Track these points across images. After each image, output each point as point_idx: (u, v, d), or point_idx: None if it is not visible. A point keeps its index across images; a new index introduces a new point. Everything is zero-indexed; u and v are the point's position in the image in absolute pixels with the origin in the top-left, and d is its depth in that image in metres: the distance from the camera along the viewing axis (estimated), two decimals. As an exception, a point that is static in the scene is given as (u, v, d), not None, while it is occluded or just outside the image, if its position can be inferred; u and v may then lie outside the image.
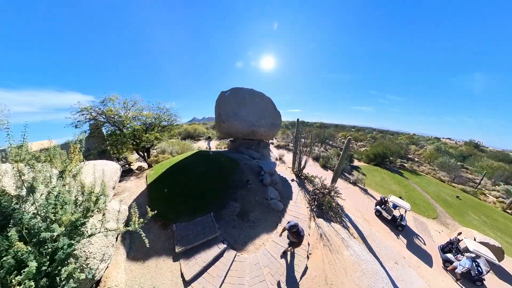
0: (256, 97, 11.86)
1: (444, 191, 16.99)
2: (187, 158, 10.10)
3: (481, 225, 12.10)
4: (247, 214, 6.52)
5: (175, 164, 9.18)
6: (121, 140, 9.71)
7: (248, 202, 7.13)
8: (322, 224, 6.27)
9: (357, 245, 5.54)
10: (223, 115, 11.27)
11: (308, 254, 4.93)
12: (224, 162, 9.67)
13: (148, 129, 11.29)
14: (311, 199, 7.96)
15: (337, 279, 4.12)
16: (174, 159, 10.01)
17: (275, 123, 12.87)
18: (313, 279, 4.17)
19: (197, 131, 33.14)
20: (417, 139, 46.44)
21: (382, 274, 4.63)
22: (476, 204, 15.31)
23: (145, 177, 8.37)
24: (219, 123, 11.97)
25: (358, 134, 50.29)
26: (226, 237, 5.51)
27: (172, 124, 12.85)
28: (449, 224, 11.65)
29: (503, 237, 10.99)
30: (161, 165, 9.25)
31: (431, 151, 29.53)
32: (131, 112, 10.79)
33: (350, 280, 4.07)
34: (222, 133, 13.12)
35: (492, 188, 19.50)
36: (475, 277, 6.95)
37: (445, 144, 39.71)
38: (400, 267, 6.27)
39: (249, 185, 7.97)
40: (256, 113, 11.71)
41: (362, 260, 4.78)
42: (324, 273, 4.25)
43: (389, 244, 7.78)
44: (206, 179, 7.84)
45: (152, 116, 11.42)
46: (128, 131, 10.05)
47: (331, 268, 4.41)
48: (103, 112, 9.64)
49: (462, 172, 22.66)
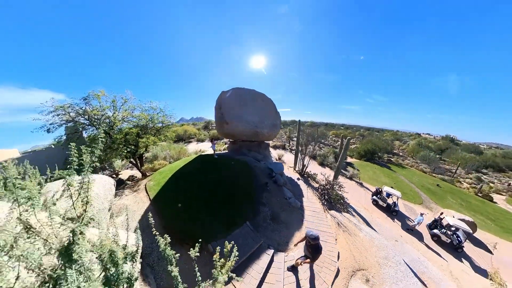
0: (258, 98, 11.77)
1: (426, 180, 19.38)
2: (191, 164, 9.21)
3: (458, 207, 14.26)
4: (278, 216, 6.54)
5: (178, 171, 8.19)
6: (110, 146, 8.29)
7: (274, 204, 7.11)
8: (336, 214, 7.32)
9: (367, 227, 6.78)
10: (226, 116, 11.02)
11: (335, 240, 5.71)
12: (235, 166, 9.08)
13: (142, 132, 10.04)
14: (321, 194, 9.00)
15: (361, 256, 5.15)
16: (174, 166, 8.96)
17: (276, 124, 13.06)
18: (346, 260, 5.02)
19: (188, 133, 31.69)
20: (400, 135, 50.91)
21: (390, 247, 5.88)
22: (453, 190, 17.79)
23: (144, 189, 7.15)
24: (222, 124, 11.55)
25: (347, 132, 53.53)
26: (269, 242, 5.35)
27: (168, 126, 11.59)
28: (432, 207, 13.60)
29: (475, 215, 13.16)
30: (161, 174, 8.12)
31: (413, 146, 32.85)
32: (122, 112, 9.26)
33: (370, 254, 5.21)
34: (224, 134, 12.91)
35: (466, 176, 22.53)
36: (456, 245, 8.61)
37: (425, 139, 44.16)
38: (399, 244, 7.62)
39: (268, 187, 8.05)
40: (259, 114, 11.69)
41: (374, 238, 5.98)
42: (351, 253, 5.21)
43: (388, 226, 9.22)
44: (224, 187, 7.13)
45: (145, 118, 9.96)
46: (118, 135, 8.71)
47: (355, 248, 5.43)
48: (86, 112, 7.97)
49: (440, 164, 25.71)
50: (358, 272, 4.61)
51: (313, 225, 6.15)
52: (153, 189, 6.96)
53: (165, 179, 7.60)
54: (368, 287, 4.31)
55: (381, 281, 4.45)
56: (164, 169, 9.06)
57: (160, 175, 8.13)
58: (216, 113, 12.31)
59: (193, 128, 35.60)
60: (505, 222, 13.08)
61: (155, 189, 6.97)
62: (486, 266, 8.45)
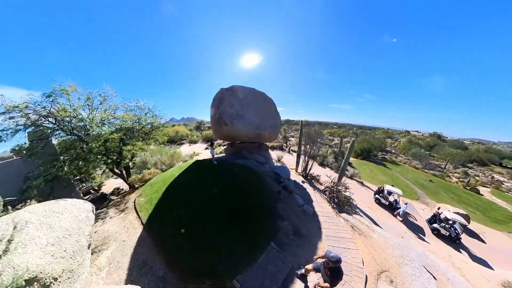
0: (259, 97, 11.13)
1: (419, 176, 20.57)
2: (187, 172, 8.03)
3: (451, 201, 15.31)
4: (299, 228, 5.93)
5: (173, 183, 6.97)
6: (86, 157, 6.82)
7: (291, 215, 6.46)
8: (347, 217, 7.51)
9: (378, 228, 7.14)
10: (226, 116, 10.03)
11: (356, 245, 5.69)
12: (240, 173, 8.00)
13: (127, 137, 8.57)
14: (329, 197, 9.04)
15: (380, 257, 5.39)
16: (167, 176, 7.70)
17: (277, 125, 12.56)
18: (369, 264, 5.10)
19: (179, 134, 30.55)
20: (391, 132, 53.48)
21: (402, 245, 6.27)
22: (444, 185, 19.05)
23: (133, 208, 5.92)
24: (220, 125, 10.46)
25: (341, 131, 55.20)
26: (298, 261, 4.80)
27: (158, 128, 10.07)
28: (428, 202, 14.51)
29: (466, 207, 14.21)
30: (152, 187, 6.90)
31: (405, 144, 34.65)
32: (100, 113, 7.77)
33: (388, 254, 5.50)
34: (223, 136, 11.93)
35: (454, 171, 24.16)
36: (454, 238, 9.33)
37: (414, 136, 46.66)
38: (405, 240, 8.10)
39: (281, 196, 7.39)
40: (261, 115, 11.03)
41: (387, 238, 6.34)
42: (372, 256, 5.40)
43: (392, 224, 9.75)
44: (232, 199, 6.08)
45: (131, 119, 8.51)
46: (95, 143, 7.06)
47: (373, 250, 5.64)
48: (51, 113, 6.47)
49: (431, 160, 27.31)
50: (382, 274, 4.85)
51: (331, 232, 6.19)
52: (145, 208, 5.68)
53: (158, 193, 6.35)
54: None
55: (403, 280, 4.76)
56: (155, 179, 7.74)
57: (151, 188, 6.84)
58: (213, 113, 11.28)
59: (185, 129, 34.35)
60: (492, 213, 14.28)
61: (147, 208, 5.70)
62: (481, 255, 9.22)
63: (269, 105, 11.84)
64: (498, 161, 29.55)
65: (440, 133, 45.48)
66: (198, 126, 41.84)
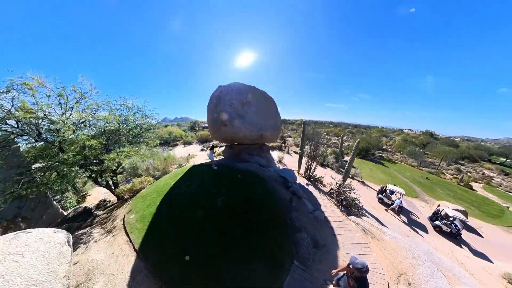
0: (259, 96, 10.55)
1: (416, 174, 21.30)
2: (184, 180, 7.09)
3: (447, 197, 15.95)
4: (316, 239, 5.60)
5: (169, 194, 6.14)
6: (58, 170, 5.78)
7: (306, 225, 6.04)
8: (357, 220, 7.60)
9: (388, 229, 7.34)
10: (226, 116, 9.41)
11: (372, 250, 5.74)
12: (244, 179, 7.23)
13: (111, 142, 7.55)
14: (337, 200, 9.04)
15: (396, 260, 5.50)
16: (161, 186, 6.79)
17: (278, 125, 12.16)
18: (387, 268, 5.19)
19: (173, 135, 29.75)
20: (386, 131, 55.00)
21: (412, 245, 6.49)
22: (440, 182, 19.84)
23: (122, 228, 5.05)
24: (218, 126, 9.78)
25: (337, 130, 56.17)
26: (324, 277, 4.48)
27: (150, 130, 9.04)
28: (427, 200, 15.05)
29: (462, 203, 14.87)
30: (144, 200, 6.04)
31: (400, 142, 35.76)
32: (76, 113, 6.52)
33: (401, 256, 5.64)
34: (222, 138, 11.10)
35: (447, 168, 25.18)
36: (455, 234, 9.77)
37: (408, 134, 48.20)
38: (411, 239, 8.37)
39: (293, 204, 6.94)
40: (262, 114, 10.49)
41: (398, 240, 6.53)
42: (389, 260, 5.51)
43: (396, 223, 10.05)
44: (242, 212, 5.39)
45: (116, 120, 7.50)
46: (69, 152, 5.90)
47: (388, 253, 5.75)
48: (10, 113, 5.32)
49: (425, 158, 28.33)
50: (400, 277, 4.97)
51: (346, 238, 6.18)
52: (137, 229, 4.71)
53: (151, 208, 5.45)
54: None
55: (420, 281, 4.92)
56: (148, 190, 6.71)
57: (143, 201, 5.93)
58: (210, 113, 10.44)
59: (179, 130, 33.48)
60: (486, 208, 15.02)
61: (139, 228, 4.74)
62: (481, 249, 9.69)
63: (270, 104, 11.38)
64: (487, 157, 31.19)
65: (432, 131, 47.34)
66: (193, 127, 41.26)
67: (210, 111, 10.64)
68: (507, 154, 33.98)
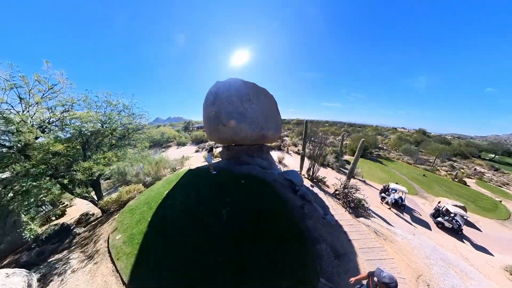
0: (260, 93, 10.00)
1: (414, 172, 21.94)
2: (180, 187, 6.38)
3: (445, 193, 16.50)
4: (336, 247, 5.31)
5: (163, 206, 5.39)
6: (17, 181, 4.64)
7: (324, 233, 5.66)
8: (367, 222, 7.60)
9: (398, 230, 7.44)
10: (224, 115, 8.76)
11: (391, 258, 5.64)
12: (249, 185, 6.55)
13: (91, 145, 6.55)
14: (344, 202, 9.00)
15: (411, 262, 5.56)
16: (152, 196, 5.99)
17: (279, 124, 11.79)
18: (406, 271, 5.21)
19: (166, 136, 28.69)
20: (380, 129, 56.39)
21: (423, 244, 6.60)
22: (436, 178, 20.53)
23: (106, 253, 4.19)
24: (216, 126, 9.20)
25: (333, 129, 57.03)
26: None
27: (138, 131, 8.13)
28: (426, 197, 15.50)
29: (459, 199, 15.43)
30: (132, 214, 5.21)
31: (395, 140, 36.77)
32: (40, 110, 5.34)
33: (415, 256, 5.71)
34: (221, 139, 10.40)
35: (442, 165, 26.11)
36: (457, 229, 10.11)
37: (402, 133, 49.68)
38: (417, 237, 8.52)
39: (306, 210, 6.55)
40: (264, 113, 9.94)
41: (409, 240, 6.62)
42: (405, 263, 5.54)
43: (401, 221, 10.25)
44: (251, 225, 4.75)
45: (96, 119, 6.51)
46: (35, 159, 4.85)
47: (403, 255, 5.80)
48: None
49: (420, 155, 29.26)
50: (419, 279, 5.00)
51: (361, 243, 6.12)
52: (125, 254, 3.85)
53: (142, 225, 4.58)
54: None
55: (437, 281, 4.98)
56: (137, 202, 5.86)
57: (131, 216, 5.05)
58: (206, 111, 9.78)
59: (172, 130, 32.53)
60: (481, 202, 15.66)
61: (127, 253, 3.87)
62: (481, 243, 10.07)
63: (271, 102, 10.82)
64: (477, 154, 32.72)
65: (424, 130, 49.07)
66: (187, 127, 40.46)
67: (206, 109, 9.89)
68: (495, 150, 36.06)
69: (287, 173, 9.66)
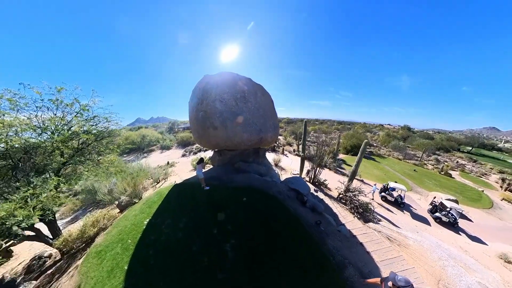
0: (257, 91, 9.11)
1: (405, 167, 23.29)
2: (163, 213, 5.17)
3: (435, 187, 17.70)
4: (360, 268, 4.93)
5: (142, 243, 4.20)
6: None
7: (345, 252, 5.23)
8: (377, 227, 7.71)
9: (408, 232, 7.70)
10: (215, 116, 7.63)
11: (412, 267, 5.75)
12: (252, 203, 5.62)
13: (26, 170, 4.88)
14: (351, 208, 9.07)
15: (427, 265, 5.76)
16: (128, 227, 4.72)
17: (277, 125, 10.84)
18: (425, 277, 5.40)
19: (147, 139, 26.06)
20: (369, 127, 59.29)
21: (432, 245, 6.87)
22: (426, 173, 22.00)
23: None
24: (206, 129, 8.14)
25: (324, 127, 58.72)
26: None
27: (103, 140, 6.64)
28: (420, 192, 16.49)
29: (448, 191, 16.66)
30: (101, 259, 3.91)
31: (384, 137, 38.84)
32: None
33: (430, 260, 5.92)
34: (211, 144, 9.32)
35: (428, 159, 28.08)
36: (453, 222, 10.92)
37: (388, 129, 52.72)
38: (420, 234, 8.97)
39: (322, 227, 6.05)
40: (261, 113, 9.06)
41: (419, 242, 6.82)
42: (423, 268, 5.72)
43: (404, 220, 10.74)
44: (266, 261, 3.90)
45: (31, 128, 4.93)
46: None
47: (420, 261, 5.97)
48: None
49: (408, 150, 31.21)
50: (439, 284, 5.14)
51: (379, 254, 6.13)
52: None
53: (116, 279, 3.41)
54: (453, 294, 4.96)
55: (454, 282, 5.16)
56: (108, 238, 4.48)
57: (100, 264, 3.77)
58: (193, 111, 8.61)
59: (154, 132, 29.98)
60: (467, 193, 17.06)
61: None
62: (475, 233, 10.92)
63: (268, 100, 9.82)
64: (457, 147, 35.88)
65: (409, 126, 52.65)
66: (171, 127, 38.20)
67: (193, 108, 8.55)
68: (472, 143, 40.11)
69: (291, 182, 8.99)
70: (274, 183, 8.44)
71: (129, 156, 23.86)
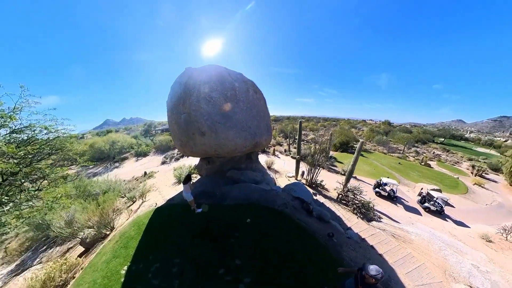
0: (249, 88, 8.09)
1: (391, 161, 25.22)
2: (146, 253, 3.98)
3: (419, 178, 19.48)
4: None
5: None
6: None
7: (360, 260, 5.22)
8: (380, 226, 8.19)
9: (410, 227, 8.32)
10: (202, 120, 6.49)
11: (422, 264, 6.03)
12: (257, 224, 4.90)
13: None
14: (354, 208, 9.38)
15: (432, 259, 6.27)
16: (96, 282, 3.60)
17: (270, 126, 10.07)
18: (435, 271, 5.78)
19: (118, 145, 22.33)
20: (353, 123, 63.10)
21: (430, 236, 7.57)
22: (409, 165, 24.11)
23: None
24: (191, 135, 7.10)
25: (311, 124, 60.68)
26: None
27: (40, 160, 4.84)
28: (407, 184, 18.00)
29: (430, 181, 18.45)
30: None
31: (368, 132, 41.61)
32: None
33: (433, 252, 6.48)
34: (198, 153, 8.29)
35: (408, 152, 30.83)
36: (440, 210, 12.13)
37: (371, 124, 56.73)
38: (416, 226, 9.78)
39: (335, 239, 5.93)
40: (255, 113, 8.09)
41: (420, 235, 7.48)
42: (431, 262, 6.15)
43: (398, 213, 11.60)
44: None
45: None
46: None
47: (425, 255, 6.42)
48: None
49: (390, 144, 33.88)
50: (446, 274, 5.64)
51: (390, 254, 6.42)
52: None
53: None
54: (460, 283, 5.47)
55: (457, 270, 5.73)
56: None
57: None
58: (173, 113, 7.57)
59: (127, 137, 25.86)
60: (446, 181, 19.11)
61: None
62: (459, 218, 12.26)
63: (261, 99, 8.90)
64: (432, 139, 40.20)
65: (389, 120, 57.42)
66: (147, 130, 34.18)
67: (173, 109, 7.40)
68: (444, 135, 45.58)
69: (294, 190, 8.49)
70: (276, 193, 7.77)
71: (96, 168, 20.55)
